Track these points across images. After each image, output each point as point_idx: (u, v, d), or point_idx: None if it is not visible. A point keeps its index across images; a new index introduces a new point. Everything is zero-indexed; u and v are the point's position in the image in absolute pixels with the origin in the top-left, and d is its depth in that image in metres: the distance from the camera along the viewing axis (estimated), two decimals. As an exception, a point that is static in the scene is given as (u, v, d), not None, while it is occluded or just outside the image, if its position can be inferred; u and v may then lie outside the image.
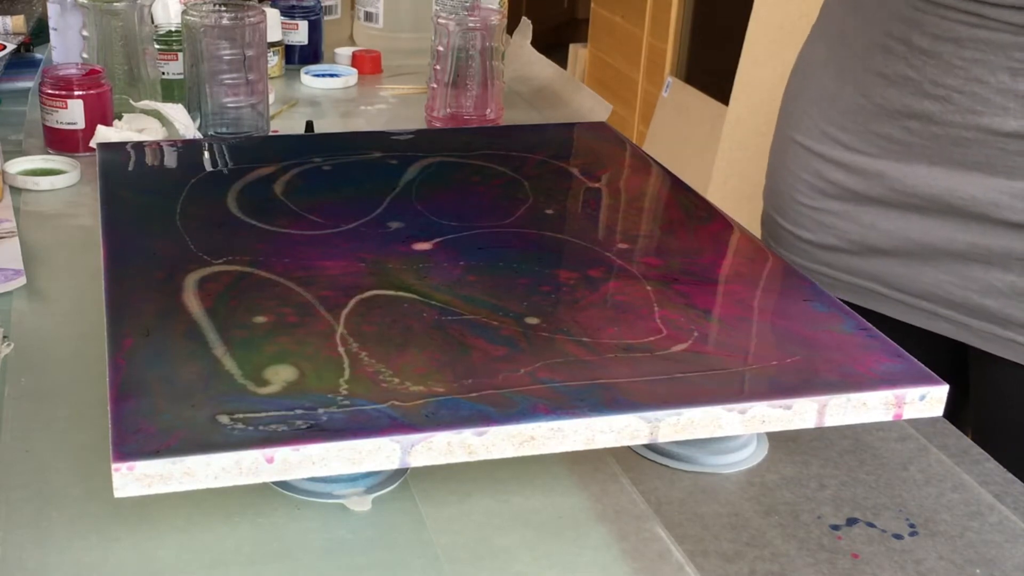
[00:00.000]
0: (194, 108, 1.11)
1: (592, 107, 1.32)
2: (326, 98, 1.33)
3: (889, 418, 0.60)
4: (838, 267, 0.90)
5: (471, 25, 1.17)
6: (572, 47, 3.22)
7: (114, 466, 0.50)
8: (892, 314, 0.88)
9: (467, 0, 1.19)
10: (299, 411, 0.54)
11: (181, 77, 1.21)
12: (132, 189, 0.83)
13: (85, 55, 1.18)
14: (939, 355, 0.84)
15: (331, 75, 1.37)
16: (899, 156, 0.83)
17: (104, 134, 1.04)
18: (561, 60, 2.99)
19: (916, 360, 0.62)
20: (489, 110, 1.21)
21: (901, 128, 0.82)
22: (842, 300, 0.76)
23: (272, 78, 1.31)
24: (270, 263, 0.70)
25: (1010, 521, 0.61)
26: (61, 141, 1.08)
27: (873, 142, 0.84)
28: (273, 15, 1.35)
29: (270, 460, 0.52)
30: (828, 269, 0.91)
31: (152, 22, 1.22)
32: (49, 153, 1.07)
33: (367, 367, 0.58)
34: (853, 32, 0.86)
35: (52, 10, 1.24)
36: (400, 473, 0.61)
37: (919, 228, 0.84)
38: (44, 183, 1.00)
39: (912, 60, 0.80)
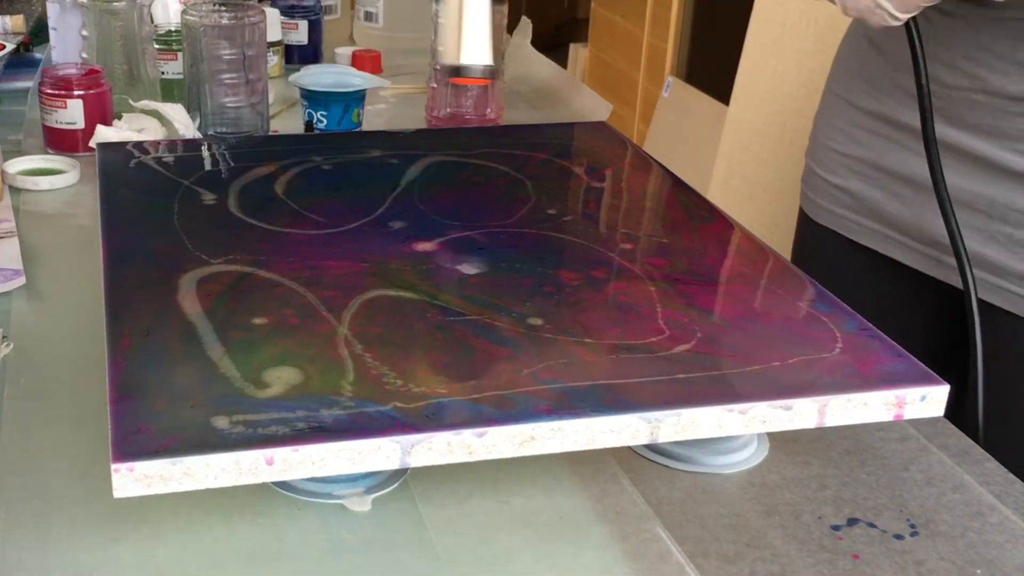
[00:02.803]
0: (194, 108, 1.11)
1: (592, 107, 1.32)
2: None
3: (890, 418, 0.60)
4: (861, 212, 0.97)
5: (471, 25, 1.17)
6: (572, 47, 3.21)
7: (114, 466, 0.50)
8: (904, 260, 0.94)
9: (467, 0, 1.19)
10: (300, 412, 0.54)
11: (181, 77, 1.21)
12: (132, 189, 0.83)
13: (85, 55, 1.18)
14: (951, 307, 0.92)
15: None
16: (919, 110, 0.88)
17: (104, 134, 1.04)
18: (561, 60, 2.99)
19: (917, 360, 0.62)
20: (489, 110, 1.21)
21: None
22: (863, 245, 0.96)
23: (272, 78, 1.31)
24: (271, 263, 0.70)
25: (1011, 522, 0.61)
26: (61, 141, 1.08)
27: (898, 96, 0.92)
28: (273, 15, 1.34)
29: (270, 461, 0.52)
30: (852, 214, 0.98)
31: (152, 22, 1.22)
32: (49, 153, 1.07)
33: (371, 369, 0.58)
34: None
35: (52, 10, 1.24)
36: (400, 474, 0.61)
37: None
38: (44, 183, 1.00)
39: (925, 29, 0.86)
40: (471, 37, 0.93)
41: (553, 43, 3.00)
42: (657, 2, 2.69)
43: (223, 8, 1.09)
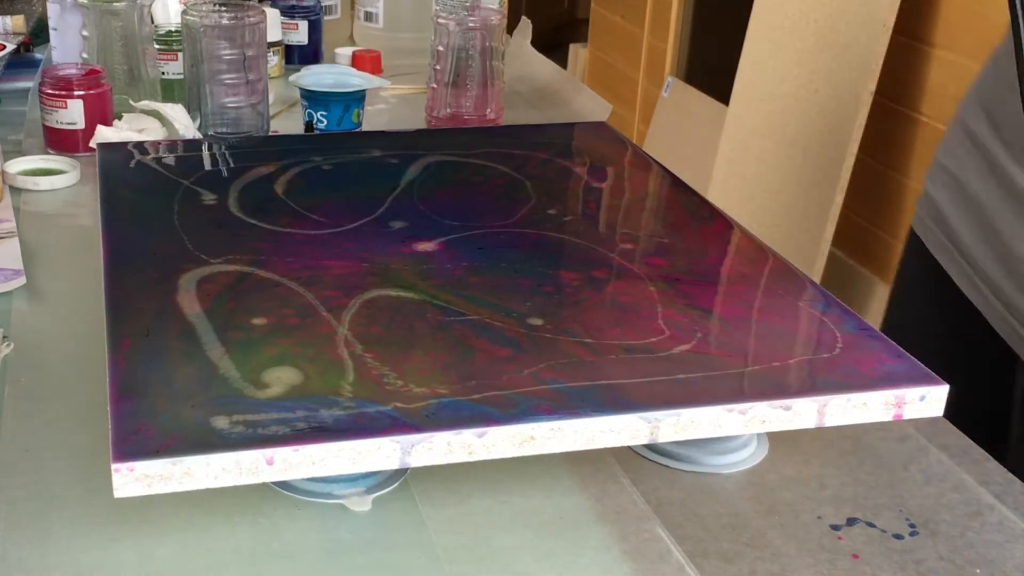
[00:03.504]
0: (194, 108, 1.11)
1: (592, 107, 1.32)
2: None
3: (889, 418, 0.60)
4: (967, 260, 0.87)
5: (471, 25, 1.17)
6: (572, 47, 3.22)
7: (114, 466, 0.50)
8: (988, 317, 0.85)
9: (467, 0, 1.19)
10: (300, 412, 0.54)
11: (181, 77, 1.21)
12: (132, 189, 0.83)
13: (85, 55, 1.18)
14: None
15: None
16: None
17: (104, 134, 1.04)
18: (561, 60, 2.99)
19: (916, 360, 0.62)
20: (489, 110, 1.21)
21: None
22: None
23: (272, 78, 1.31)
24: (271, 263, 0.70)
25: (1010, 521, 0.61)
26: (61, 141, 1.08)
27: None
28: (273, 15, 1.35)
29: (270, 460, 0.52)
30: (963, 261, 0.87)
31: (152, 22, 1.22)
32: (49, 153, 1.07)
33: (372, 370, 0.58)
34: None
35: (52, 10, 1.24)
36: (400, 473, 0.61)
37: None
38: (44, 183, 1.00)
39: None
40: None
41: (553, 43, 3.00)
42: (657, 2, 2.69)
43: (223, 8, 1.09)
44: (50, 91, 1.07)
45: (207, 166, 0.89)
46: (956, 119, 0.90)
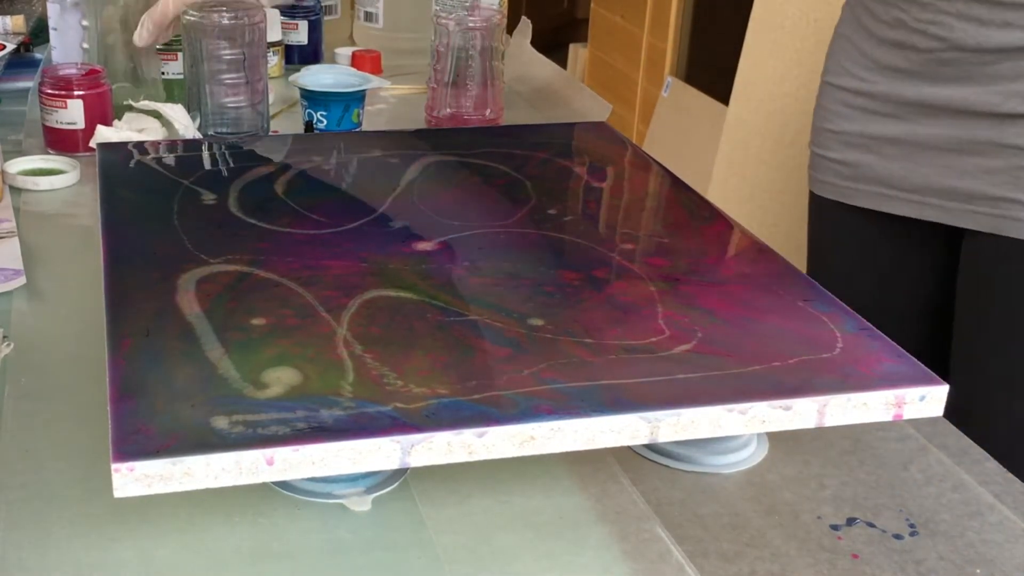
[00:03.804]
0: (194, 108, 1.11)
1: (592, 107, 1.32)
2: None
3: (889, 418, 0.60)
4: (858, 179, 1.10)
5: (471, 25, 1.17)
6: (572, 47, 3.21)
7: (114, 466, 0.50)
8: (901, 211, 1.07)
9: (467, 0, 1.19)
10: (300, 412, 0.54)
11: (181, 77, 1.20)
12: (132, 189, 0.83)
13: (86, 45, 1.18)
14: (935, 247, 1.09)
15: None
16: (902, 79, 1.04)
17: (104, 134, 1.04)
18: (561, 60, 2.99)
19: (916, 360, 0.62)
20: (489, 110, 1.21)
21: (902, 57, 1.04)
22: (865, 209, 1.10)
23: (272, 78, 1.31)
24: (270, 263, 0.70)
25: (1010, 521, 0.61)
26: (61, 141, 1.08)
27: (880, 72, 1.07)
28: (273, 15, 1.34)
29: (270, 460, 0.52)
30: (851, 183, 1.11)
31: None
32: (49, 153, 1.07)
33: (371, 370, 0.58)
34: None
35: (52, 10, 1.23)
36: (400, 473, 0.61)
37: (916, 133, 1.04)
38: (44, 183, 1.00)
39: (899, 4, 1.03)
40: None
41: (553, 43, 3.00)
42: (657, 2, 2.68)
43: (223, 8, 1.09)
44: (50, 91, 1.07)
45: (207, 166, 0.89)
46: (820, 85, 1.17)
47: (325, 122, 1.15)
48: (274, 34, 1.35)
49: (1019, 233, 0.99)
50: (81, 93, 1.07)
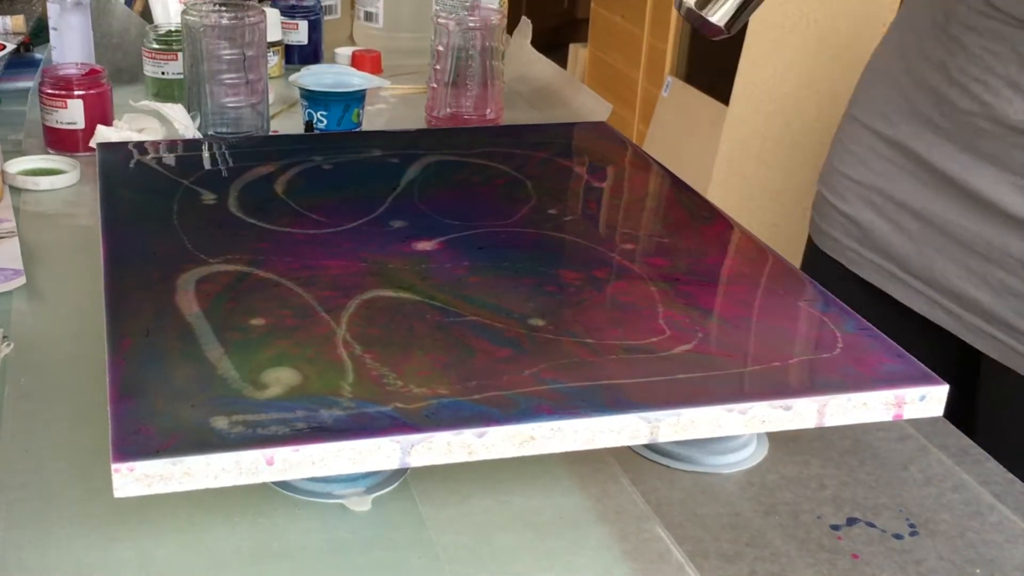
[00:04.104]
0: (194, 108, 1.11)
1: (592, 107, 1.32)
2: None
3: (889, 418, 0.60)
4: (867, 245, 0.94)
5: (471, 25, 1.17)
6: (572, 47, 3.21)
7: (114, 466, 0.50)
8: (905, 301, 0.91)
9: (467, 0, 1.19)
10: (300, 412, 0.54)
11: (181, 77, 1.21)
12: (132, 189, 0.83)
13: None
14: (949, 354, 0.88)
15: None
16: (933, 136, 0.87)
17: (104, 134, 1.04)
18: (561, 60, 2.99)
19: (916, 360, 0.62)
20: (489, 110, 1.21)
21: (937, 111, 0.86)
22: (867, 281, 0.92)
23: (272, 78, 1.31)
24: (270, 263, 0.70)
25: (1010, 521, 0.61)
26: (61, 141, 1.08)
27: (914, 121, 0.89)
28: (273, 15, 1.34)
29: (270, 461, 0.52)
30: (858, 247, 0.95)
31: (152, 22, 1.22)
32: (49, 153, 1.07)
33: (371, 370, 0.58)
34: (918, 16, 0.91)
35: (52, 10, 1.24)
36: (400, 473, 0.61)
37: (939, 207, 0.87)
38: (44, 183, 1.00)
39: (948, 46, 0.85)
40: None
41: (553, 43, 3.00)
42: (657, 2, 2.68)
43: (223, 8, 1.09)
44: (50, 91, 1.07)
45: (207, 166, 0.89)
46: (844, 118, 0.98)
47: (325, 122, 1.15)
48: (274, 34, 1.35)
49: None
50: (81, 93, 1.07)
